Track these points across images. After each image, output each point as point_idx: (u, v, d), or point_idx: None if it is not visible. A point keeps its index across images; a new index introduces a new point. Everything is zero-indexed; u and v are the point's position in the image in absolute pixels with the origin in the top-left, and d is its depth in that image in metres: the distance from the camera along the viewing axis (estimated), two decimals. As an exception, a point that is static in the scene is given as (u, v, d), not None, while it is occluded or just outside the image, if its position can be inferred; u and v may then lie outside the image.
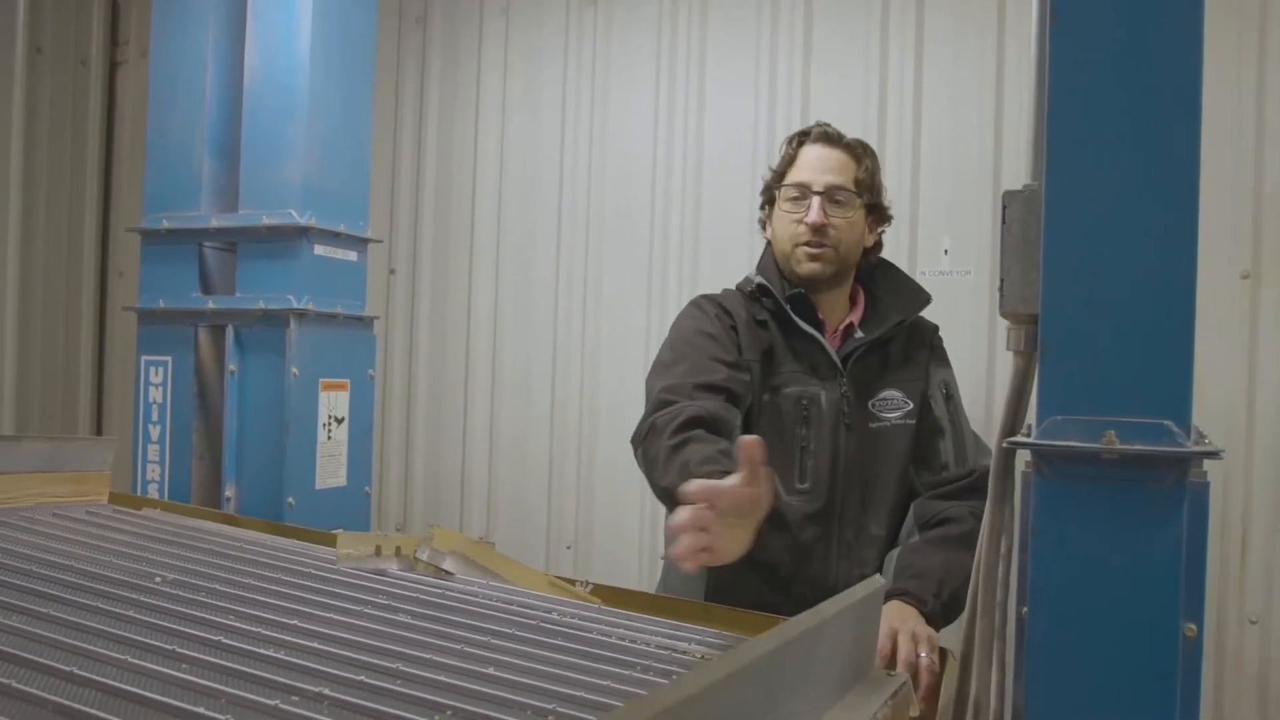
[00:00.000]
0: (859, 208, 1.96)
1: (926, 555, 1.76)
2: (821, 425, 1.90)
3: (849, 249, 1.96)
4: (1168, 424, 1.07)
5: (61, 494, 1.90)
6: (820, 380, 1.92)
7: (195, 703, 0.93)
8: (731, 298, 2.01)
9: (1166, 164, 1.08)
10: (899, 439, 1.94)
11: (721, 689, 0.78)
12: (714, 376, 1.80)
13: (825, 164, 1.95)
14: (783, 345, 1.94)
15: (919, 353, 2.00)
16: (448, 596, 1.45)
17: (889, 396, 1.95)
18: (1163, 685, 1.10)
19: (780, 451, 1.88)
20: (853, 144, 1.99)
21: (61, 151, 3.52)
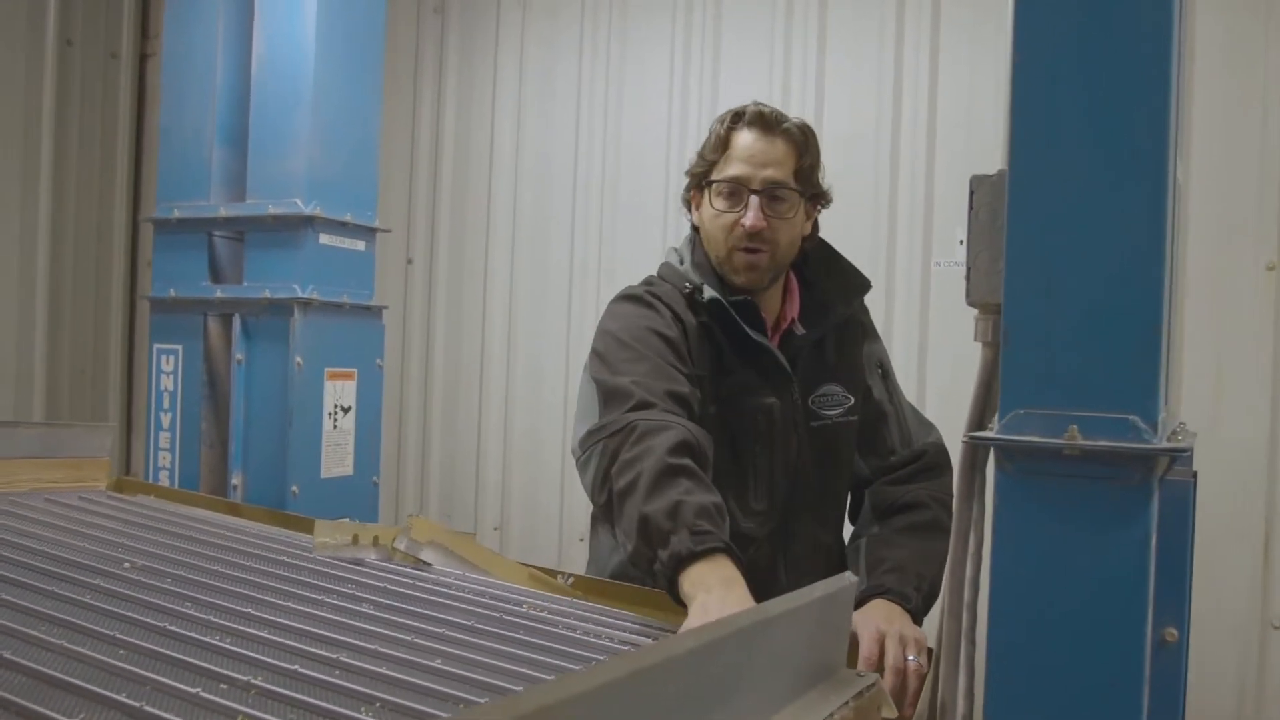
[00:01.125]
0: (800, 203, 1.70)
1: (898, 547, 1.61)
2: (774, 438, 1.70)
3: (786, 249, 1.70)
4: (1133, 419, 1.02)
5: (58, 480, 1.92)
6: (772, 388, 1.70)
7: (118, 689, 0.93)
8: (672, 297, 1.72)
9: (1134, 148, 1.03)
10: (843, 437, 1.76)
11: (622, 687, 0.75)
12: (681, 387, 1.58)
13: (763, 155, 1.67)
14: (728, 351, 1.70)
15: (851, 337, 1.80)
16: (418, 588, 1.44)
17: (829, 392, 1.76)
18: (1127, 692, 1.06)
19: (736, 470, 1.68)
20: (793, 129, 1.70)
21: (92, 143, 3.56)
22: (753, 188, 1.66)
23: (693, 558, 1.28)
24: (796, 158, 1.69)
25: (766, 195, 1.66)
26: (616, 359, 1.61)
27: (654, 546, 1.31)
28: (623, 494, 1.39)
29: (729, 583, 1.27)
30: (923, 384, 2.62)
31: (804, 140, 1.70)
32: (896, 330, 2.64)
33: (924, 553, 1.60)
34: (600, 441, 1.47)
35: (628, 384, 1.53)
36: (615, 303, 1.77)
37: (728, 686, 0.94)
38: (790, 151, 1.68)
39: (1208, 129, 2.32)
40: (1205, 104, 2.32)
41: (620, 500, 1.39)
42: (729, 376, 1.69)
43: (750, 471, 1.69)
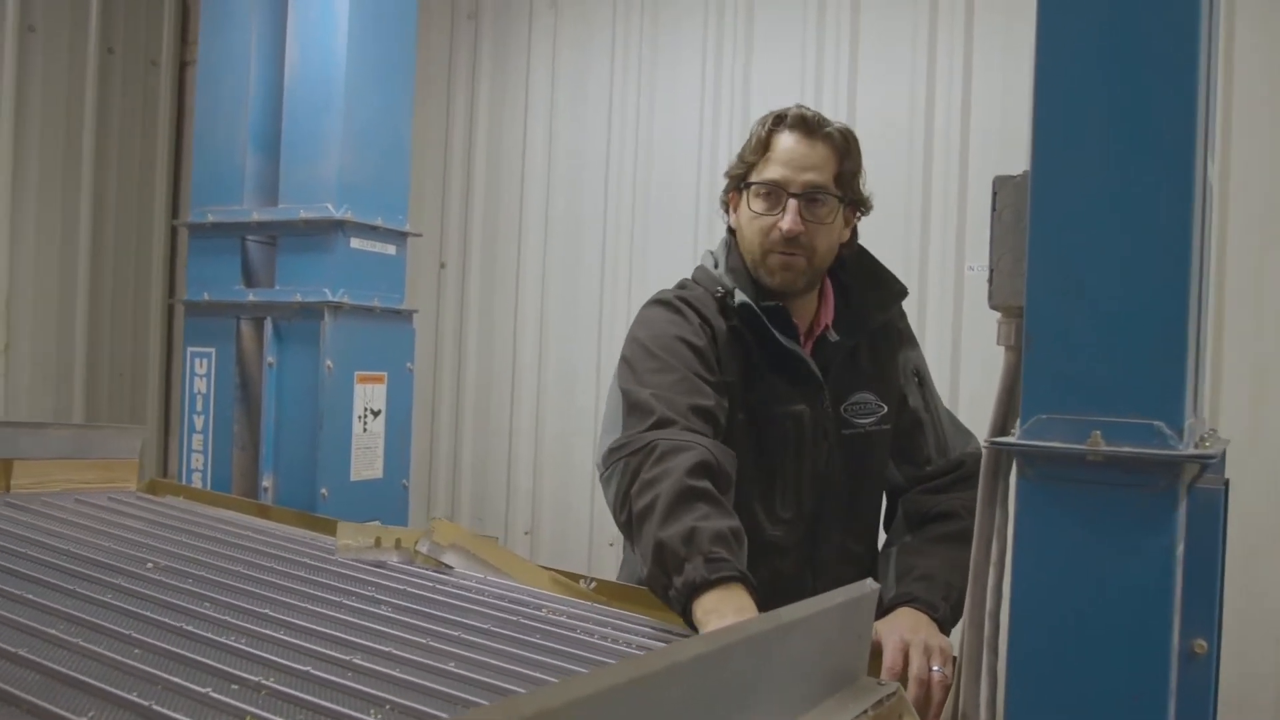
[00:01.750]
0: (839, 209, 1.68)
1: (928, 556, 1.58)
2: (803, 445, 1.68)
3: (824, 255, 1.69)
4: (1158, 425, 1.00)
5: (89, 480, 1.94)
6: (802, 395, 1.68)
7: (130, 688, 0.93)
8: (703, 301, 1.71)
9: (1159, 148, 1.01)
10: (876, 446, 1.73)
11: (624, 692, 0.75)
12: (706, 400, 1.56)
13: (804, 159, 1.65)
14: (760, 358, 1.68)
15: (887, 344, 1.77)
16: (438, 590, 1.44)
17: (862, 400, 1.73)
18: (1152, 705, 1.03)
19: (763, 478, 1.67)
20: (834, 133, 1.68)
21: (132, 149, 3.62)
22: (791, 191, 1.64)
23: (706, 585, 1.26)
24: (838, 163, 1.67)
25: (805, 199, 1.64)
26: (643, 369, 1.60)
27: (669, 573, 1.30)
28: (641, 516, 1.38)
29: (742, 611, 1.25)
30: (955, 389, 2.59)
31: (846, 145, 1.68)
32: (929, 335, 2.61)
33: (954, 562, 1.54)
34: (621, 460, 1.46)
35: (649, 398, 1.52)
36: (647, 308, 1.75)
37: (739, 693, 0.93)
38: (831, 156, 1.66)
39: (1247, 133, 2.28)
40: (1245, 105, 2.28)
41: (638, 522, 1.38)
42: (759, 383, 1.67)
43: (778, 479, 1.67)
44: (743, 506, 1.54)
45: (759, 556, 1.53)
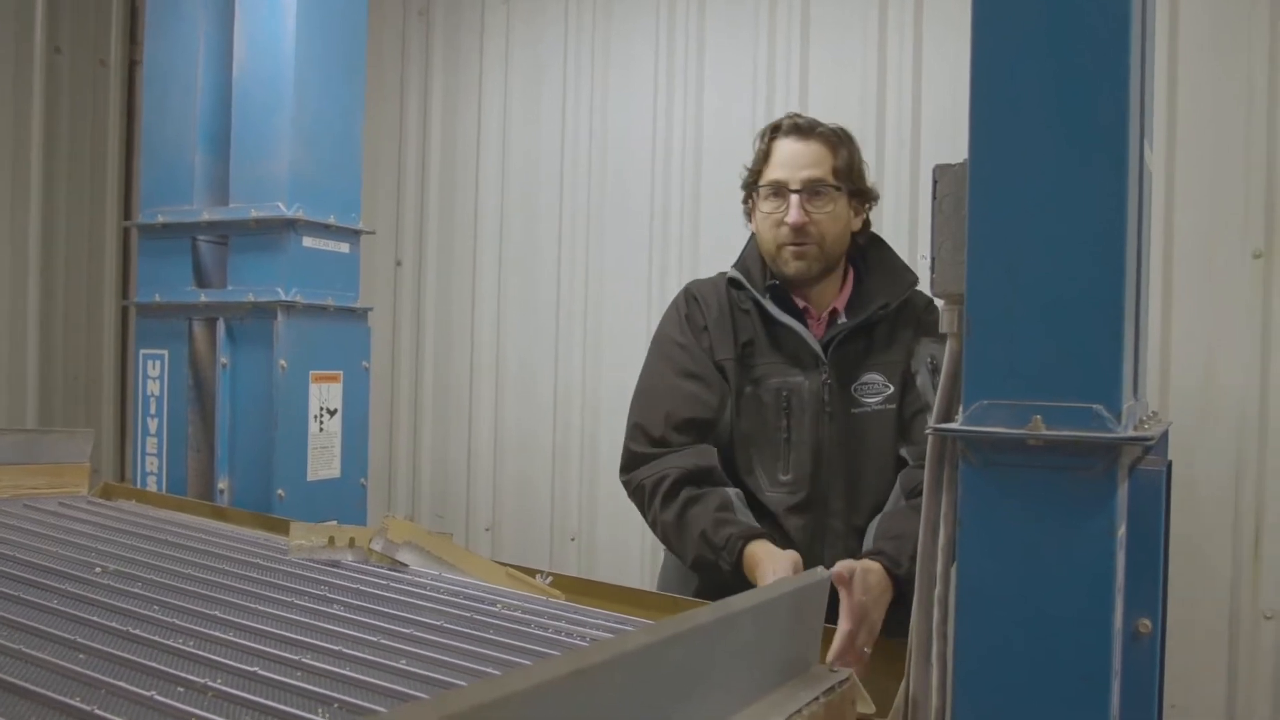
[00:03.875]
0: (840, 198, 1.88)
1: (905, 520, 1.69)
2: (803, 415, 1.86)
3: (834, 242, 1.88)
4: (1097, 408, 1.01)
5: (38, 486, 1.92)
6: (802, 369, 1.87)
7: (72, 693, 0.92)
8: (715, 288, 1.96)
9: (1094, 135, 1.02)
10: (881, 425, 1.87)
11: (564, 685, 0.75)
12: (686, 410, 1.85)
13: (801, 158, 1.87)
14: (764, 335, 1.90)
15: (904, 332, 1.90)
16: (392, 588, 1.43)
17: (870, 380, 1.88)
18: (1096, 683, 1.05)
19: (763, 443, 1.86)
20: (827, 132, 1.90)
21: (81, 150, 3.56)
22: (793, 187, 1.85)
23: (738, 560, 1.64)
24: (833, 157, 1.88)
25: (807, 193, 1.85)
26: (647, 373, 1.96)
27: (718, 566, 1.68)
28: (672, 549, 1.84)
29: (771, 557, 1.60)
30: (911, 378, 2.61)
31: (839, 141, 1.90)
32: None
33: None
34: (633, 494, 1.87)
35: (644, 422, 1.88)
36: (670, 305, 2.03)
37: (685, 683, 0.94)
38: (826, 152, 1.88)
39: (1194, 118, 2.31)
40: (1190, 95, 2.31)
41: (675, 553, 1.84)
42: (761, 357, 1.89)
43: (779, 445, 1.86)
44: (745, 467, 1.86)
45: (762, 512, 1.83)
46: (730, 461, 1.87)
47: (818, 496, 1.86)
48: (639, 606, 1.53)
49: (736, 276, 1.93)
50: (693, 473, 1.78)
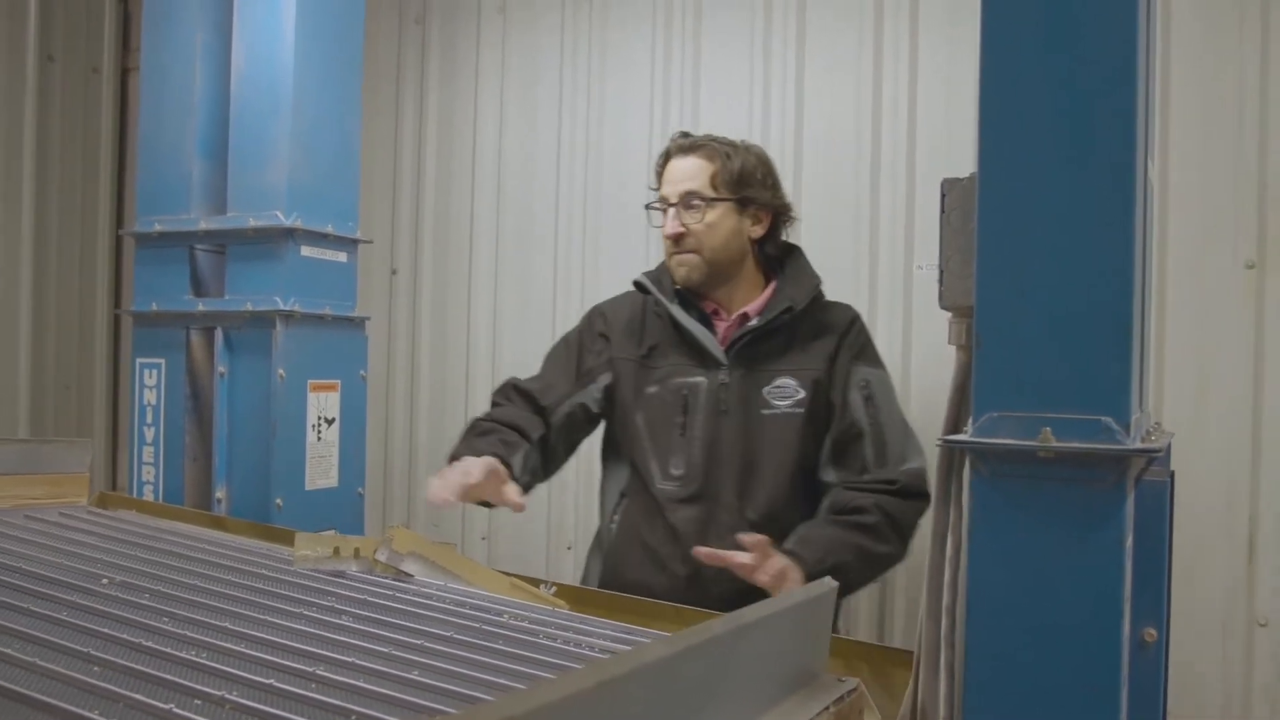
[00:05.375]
0: (721, 206, 1.96)
1: (820, 528, 1.83)
2: (698, 413, 1.95)
3: (716, 249, 1.97)
4: (1106, 420, 1.03)
5: (38, 496, 1.92)
6: (704, 369, 1.97)
7: (91, 706, 0.92)
8: (630, 299, 2.12)
9: (1102, 150, 1.04)
10: (786, 427, 1.93)
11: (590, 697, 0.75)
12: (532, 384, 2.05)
13: (680, 174, 1.98)
14: (673, 337, 2.01)
15: (822, 342, 1.97)
16: (399, 599, 1.43)
17: (782, 384, 1.95)
18: (1106, 692, 1.06)
19: (660, 439, 1.97)
20: (713, 146, 1.99)
21: (74, 158, 3.56)
22: (671, 201, 1.99)
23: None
24: (713, 168, 1.97)
25: (682, 205, 1.97)
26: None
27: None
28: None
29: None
30: (906, 387, 2.62)
31: (726, 154, 1.98)
32: (879, 334, 2.64)
33: (841, 540, 1.79)
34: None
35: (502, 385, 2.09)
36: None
37: (702, 694, 0.94)
38: (705, 164, 1.98)
39: (1185, 129, 2.33)
40: (1182, 104, 2.33)
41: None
42: (667, 358, 2.00)
43: (675, 440, 1.96)
44: (642, 461, 1.98)
45: (654, 505, 1.96)
46: (631, 455, 2.02)
47: (709, 491, 1.94)
48: (642, 616, 1.53)
49: (642, 281, 2.08)
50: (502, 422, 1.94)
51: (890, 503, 1.84)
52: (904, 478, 1.88)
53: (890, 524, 1.83)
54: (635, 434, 2.00)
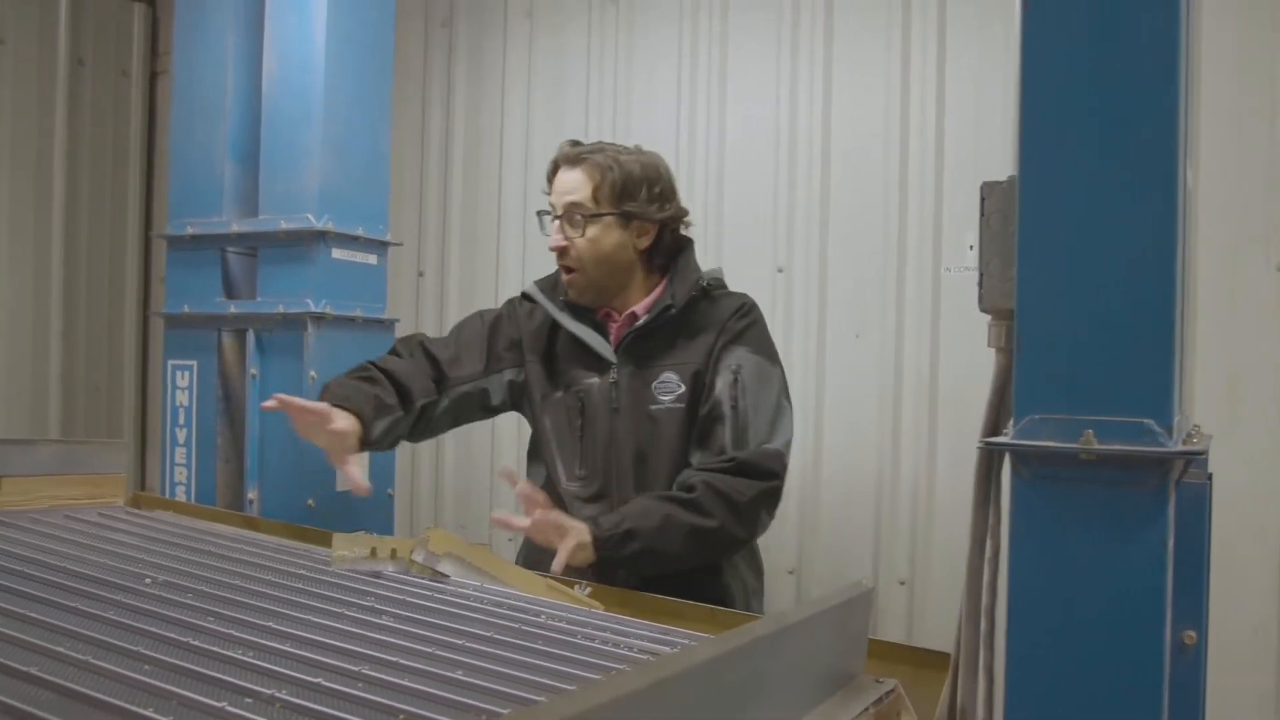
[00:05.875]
0: (604, 221, 1.97)
1: (637, 501, 1.87)
2: (595, 415, 2.01)
3: (598, 263, 1.99)
4: (1148, 423, 1.03)
5: (76, 496, 1.94)
6: (597, 373, 2.02)
7: (145, 704, 0.93)
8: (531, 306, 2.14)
9: (1144, 152, 1.04)
10: (672, 422, 1.97)
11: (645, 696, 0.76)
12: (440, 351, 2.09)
13: (563, 185, 2.00)
14: (569, 343, 2.05)
15: (705, 335, 1.99)
16: (437, 599, 1.44)
17: (666, 379, 1.99)
18: (1148, 695, 1.06)
19: (563, 442, 2.03)
20: (597, 158, 1.99)
21: (104, 161, 3.60)
22: (555, 214, 2.01)
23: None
24: (594, 182, 1.97)
25: (565, 219, 1.99)
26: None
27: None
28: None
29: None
30: (934, 390, 2.62)
31: (609, 165, 1.98)
32: (908, 337, 2.65)
33: (650, 510, 1.83)
34: None
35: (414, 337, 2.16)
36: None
37: (748, 694, 0.95)
38: (588, 177, 1.97)
39: (1215, 132, 2.32)
40: (1212, 107, 2.33)
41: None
42: (562, 364, 2.06)
43: (576, 443, 2.02)
44: (550, 464, 2.04)
45: (562, 504, 1.97)
46: (542, 456, 2.07)
47: (609, 488, 2.00)
48: (676, 618, 1.54)
49: (529, 291, 2.12)
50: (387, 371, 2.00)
51: (721, 479, 1.86)
52: (746, 455, 1.89)
53: (716, 498, 1.84)
54: (544, 437, 2.06)
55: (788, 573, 2.80)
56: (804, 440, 2.78)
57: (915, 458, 2.65)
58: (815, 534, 2.78)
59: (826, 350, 2.75)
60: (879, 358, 2.69)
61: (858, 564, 2.71)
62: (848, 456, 2.74)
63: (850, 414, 2.73)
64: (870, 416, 2.70)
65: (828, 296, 2.75)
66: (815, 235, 2.75)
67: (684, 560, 1.87)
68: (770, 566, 2.78)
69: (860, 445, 2.72)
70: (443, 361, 2.08)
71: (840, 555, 2.75)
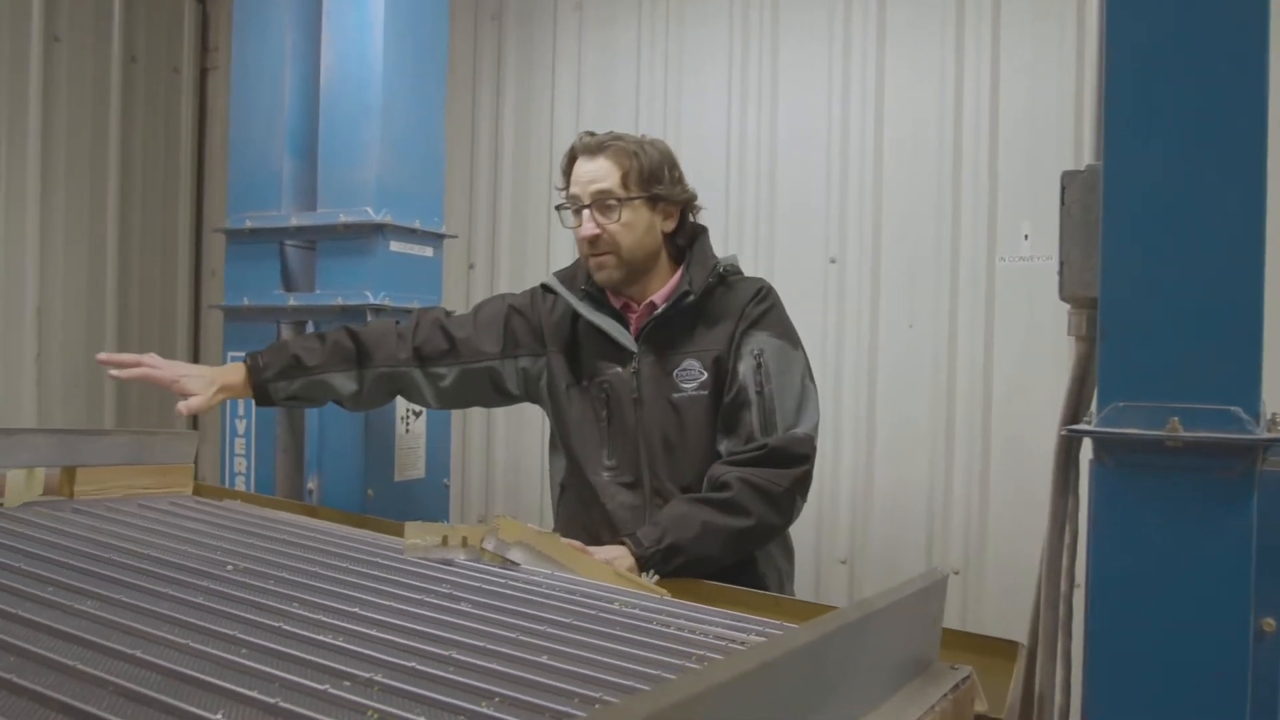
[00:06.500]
0: (635, 205, 2.00)
1: (672, 508, 1.88)
2: (620, 404, 2.02)
3: (632, 248, 2.01)
4: (1235, 410, 1.03)
5: (147, 485, 1.97)
6: (620, 363, 2.03)
7: (250, 686, 0.96)
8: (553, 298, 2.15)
9: (1230, 140, 1.04)
10: (697, 409, 1.99)
11: (754, 678, 0.78)
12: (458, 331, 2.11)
13: (590, 174, 2.01)
14: (591, 334, 2.07)
15: (725, 321, 2.01)
16: (510, 586, 1.46)
17: (688, 367, 2.00)
18: (1233, 685, 1.06)
19: (589, 432, 2.05)
20: (618, 146, 2.02)
21: (156, 156, 3.64)
22: (584, 203, 2.01)
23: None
24: (621, 168, 1.99)
25: (597, 206, 1.99)
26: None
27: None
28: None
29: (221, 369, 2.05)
30: (989, 379, 2.62)
31: (632, 152, 2.01)
32: (961, 327, 2.65)
33: (689, 518, 1.83)
34: None
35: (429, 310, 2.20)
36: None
37: (839, 678, 0.96)
38: (615, 164, 2.00)
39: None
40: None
41: None
42: (585, 355, 2.07)
43: (602, 433, 2.03)
44: (580, 452, 2.05)
45: (593, 494, 2.03)
46: (566, 448, 2.09)
47: (641, 476, 2.01)
48: (740, 605, 1.56)
49: (549, 283, 2.15)
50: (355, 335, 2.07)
51: (755, 473, 1.87)
52: (776, 442, 1.90)
53: (753, 494, 1.86)
54: (568, 428, 2.08)
55: (840, 562, 2.80)
56: (857, 429, 2.78)
57: (969, 447, 2.64)
58: (868, 523, 2.78)
59: (880, 340, 2.75)
60: (933, 347, 2.68)
61: (911, 554, 2.71)
62: (901, 446, 2.74)
63: (903, 403, 2.73)
64: (924, 406, 2.70)
65: (880, 286, 2.75)
66: (868, 226, 2.75)
67: (727, 561, 1.88)
68: (823, 556, 2.80)
69: (913, 434, 2.72)
70: (458, 339, 2.10)
71: (893, 545, 2.75)
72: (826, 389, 2.60)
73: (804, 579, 2.63)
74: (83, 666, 0.97)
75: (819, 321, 2.78)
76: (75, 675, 0.96)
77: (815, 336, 2.71)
